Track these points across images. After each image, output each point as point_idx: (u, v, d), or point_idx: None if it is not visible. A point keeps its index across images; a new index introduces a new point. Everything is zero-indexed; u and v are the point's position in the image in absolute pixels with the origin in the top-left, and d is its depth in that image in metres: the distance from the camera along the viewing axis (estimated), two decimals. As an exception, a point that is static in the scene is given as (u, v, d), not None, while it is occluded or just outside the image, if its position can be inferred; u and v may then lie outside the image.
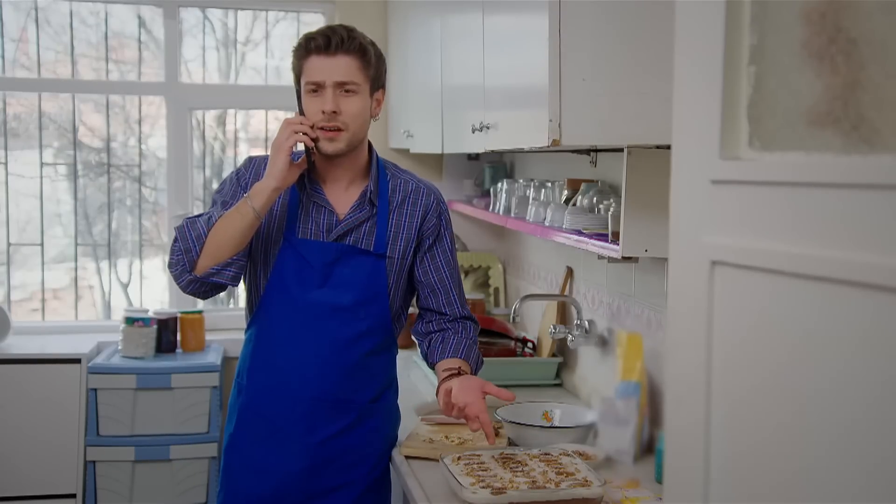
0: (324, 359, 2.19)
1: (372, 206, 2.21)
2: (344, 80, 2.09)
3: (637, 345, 2.32)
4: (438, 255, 2.29)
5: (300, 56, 2.13)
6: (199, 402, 3.52)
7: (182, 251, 2.12)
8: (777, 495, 0.95)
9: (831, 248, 0.87)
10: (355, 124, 2.13)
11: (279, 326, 2.21)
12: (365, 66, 2.13)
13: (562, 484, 1.94)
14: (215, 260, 2.11)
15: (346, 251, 2.19)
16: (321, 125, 2.10)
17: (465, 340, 2.29)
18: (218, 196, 2.24)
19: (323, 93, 2.09)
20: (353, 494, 2.23)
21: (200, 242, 2.11)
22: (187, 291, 2.16)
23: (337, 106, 2.09)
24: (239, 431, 2.25)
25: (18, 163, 3.94)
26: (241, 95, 4.12)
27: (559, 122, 1.91)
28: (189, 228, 2.13)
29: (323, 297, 2.18)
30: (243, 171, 2.24)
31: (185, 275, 2.12)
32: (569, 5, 1.90)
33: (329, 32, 2.11)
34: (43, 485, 3.46)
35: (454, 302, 2.32)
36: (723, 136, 1.01)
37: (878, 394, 0.83)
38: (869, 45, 0.85)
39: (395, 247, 2.23)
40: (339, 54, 2.09)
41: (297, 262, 2.18)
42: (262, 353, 2.23)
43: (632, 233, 2.09)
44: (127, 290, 4.12)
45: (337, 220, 2.20)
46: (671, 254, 1.11)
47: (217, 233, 2.11)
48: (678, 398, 1.10)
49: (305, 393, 2.19)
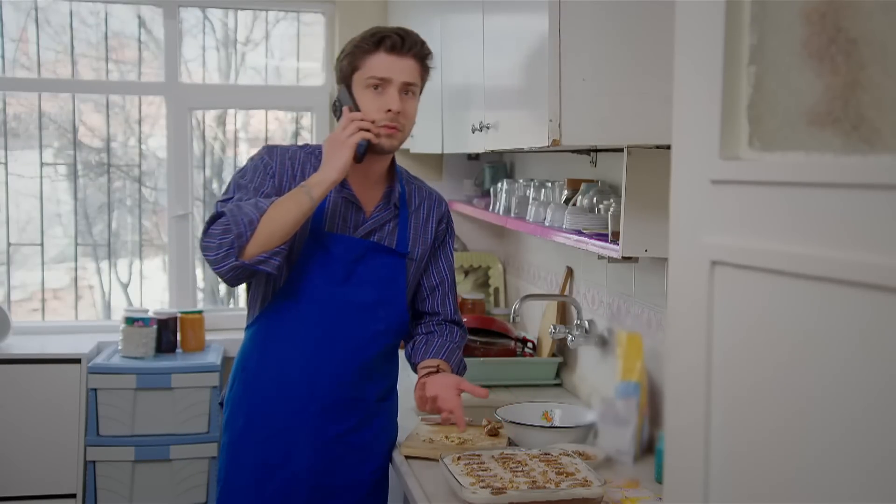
0: (341, 357, 2.18)
1: (395, 208, 2.23)
2: (410, 82, 2.12)
3: (637, 345, 2.32)
4: (442, 259, 2.34)
5: (367, 50, 2.11)
6: (199, 402, 3.52)
7: (234, 235, 2.01)
8: (777, 495, 0.95)
9: (831, 248, 0.87)
10: (409, 126, 2.16)
11: (297, 320, 2.18)
12: (424, 72, 2.17)
13: (562, 484, 1.94)
14: (265, 247, 2.03)
15: (371, 248, 2.19)
16: (383, 123, 2.10)
17: (449, 344, 2.31)
18: (246, 182, 2.14)
19: (386, 90, 2.10)
20: (360, 493, 2.22)
21: (253, 227, 2.02)
22: (226, 278, 2.06)
23: (401, 106, 2.11)
24: (245, 427, 2.21)
25: (18, 163, 3.94)
26: (241, 95, 4.12)
27: (559, 122, 1.91)
28: (239, 213, 2.03)
29: (345, 294, 2.18)
30: (268, 159, 2.16)
31: (230, 260, 2.02)
32: (569, 5, 1.90)
33: (403, 34, 2.12)
34: (43, 485, 3.46)
35: (448, 303, 2.35)
36: (723, 136, 1.01)
37: (878, 394, 0.83)
38: (869, 45, 0.85)
39: (414, 249, 2.26)
40: (409, 56, 2.11)
41: (323, 257, 2.17)
42: (276, 346, 2.19)
43: (632, 233, 2.09)
44: (127, 290, 4.12)
45: (364, 218, 2.20)
46: (671, 254, 1.11)
47: (270, 220, 2.03)
48: (678, 398, 1.10)
49: (319, 390, 2.17)
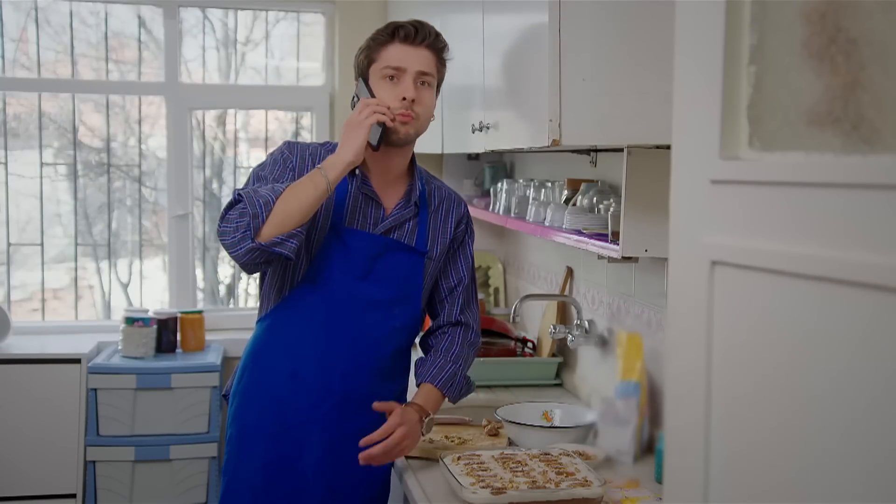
0: (357, 353, 2.17)
1: (415, 207, 2.22)
2: (425, 71, 2.13)
3: (637, 345, 2.32)
4: (461, 260, 2.31)
5: (382, 42, 2.14)
6: (199, 402, 3.52)
7: (250, 216, 2.00)
8: (777, 495, 0.95)
9: (831, 248, 0.87)
10: (425, 116, 2.16)
11: (313, 314, 2.17)
12: (440, 63, 2.18)
13: (562, 484, 1.94)
14: (280, 229, 2.01)
15: (391, 245, 2.19)
16: (399, 111, 2.10)
17: (450, 363, 2.24)
18: (266, 174, 2.15)
19: (401, 80, 2.11)
20: (371, 493, 2.21)
21: (269, 209, 2.01)
22: (243, 261, 2.03)
23: (416, 94, 2.12)
24: (255, 421, 2.18)
25: (18, 163, 3.94)
26: (241, 95, 4.12)
27: (559, 122, 1.91)
28: (255, 195, 2.03)
29: (363, 291, 2.17)
30: (287, 153, 2.18)
31: (247, 241, 2.00)
32: (569, 5, 1.90)
33: (417, 25, 2.15)
34: (43, 485, 3.47)
35: (465, 305, 2.31)
36: (723, 136, 1.01)
37: (878, 394, 0.83)
38: (869, 45, 0.85)
39: (433, 248, 2.25)
40: (423, 47, 2.13)
41: (342, 251, 2.16)
42: (290, 340, 2.18)
43: (632, 233, 2.09)
44: (127, 290, 4.12)
45: (384, 215, 2.20)
46: (671, 254, 1.11)
47: (287, 201, 2.02)
48: (678, 398, 1.10)
49: (333, 387, 2.16)
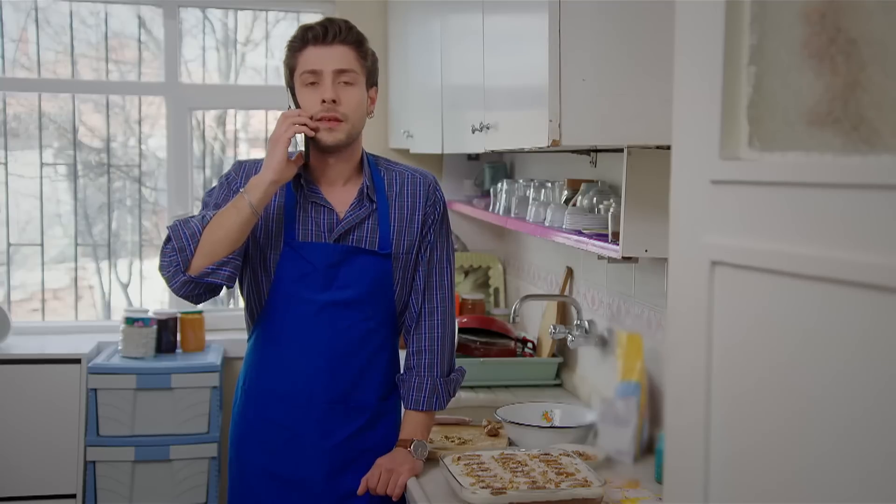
0: (335, 360, 2.16)
1: (371, 203, 2.17)
2: (343, 68, 2.07)
3: (637, 345, 2.32)
4: (433, 239, 2.22)
5: (296, 48, 2.09)
6: (199, 403, 3.52)
7: (176, 250, 2.03)
8: (777, 495, 0.95)
9: (831, 248, 0.87)
10: (355, 116, 2.10)
11: (286, 331, 2.17)
12: (362, 57, 2.11)
13: (562, 484, 1.94)
14: (210, 258, 2.03)
15: (350, 252, 2.15)
16: (320, 116, 2.06)
17: (426, 377, 2.21)
18: (209, 199, 2.18)
19: (321, 83, 2.06)
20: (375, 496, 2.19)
21: (195, 240, 2.03)
22: (181, 294, 2.07)
23: (337, 95, 2.06)
24: (251, 440, 2.21)
25: (18, 163, 3.94)
26: (241, 95, 4.12)
27: (559, 122, 1.91)
28: (182, 227, 2.05)
29: (330, 298, 2.14)
30: (233, 175, 2.18)
31: (179, 275, 2.04)
32: (569, 5, 1.90)
33: (327, 23, 2.09)
34: (43, 485, 3.46)
35: (436, 287, 2.23)
36: (723, 136, 1.01)
37: (878, 394, 0.83)
38: (869, 45, 0.85)
39: (400, 243, 2.18)
40: (337, 44, 2.07)
41: (299, 266, 2.14)
42: (270, 359, 2.19)
43: (632, 233, 2.09)
44: (127, 291, 4.12)
45: (337, 219, 2.15)
46: (671, 254, 1.11)
47: (213, 230, 2.03)
48: (678, 398, 1.10)
49: (319, 396, 2.16)
